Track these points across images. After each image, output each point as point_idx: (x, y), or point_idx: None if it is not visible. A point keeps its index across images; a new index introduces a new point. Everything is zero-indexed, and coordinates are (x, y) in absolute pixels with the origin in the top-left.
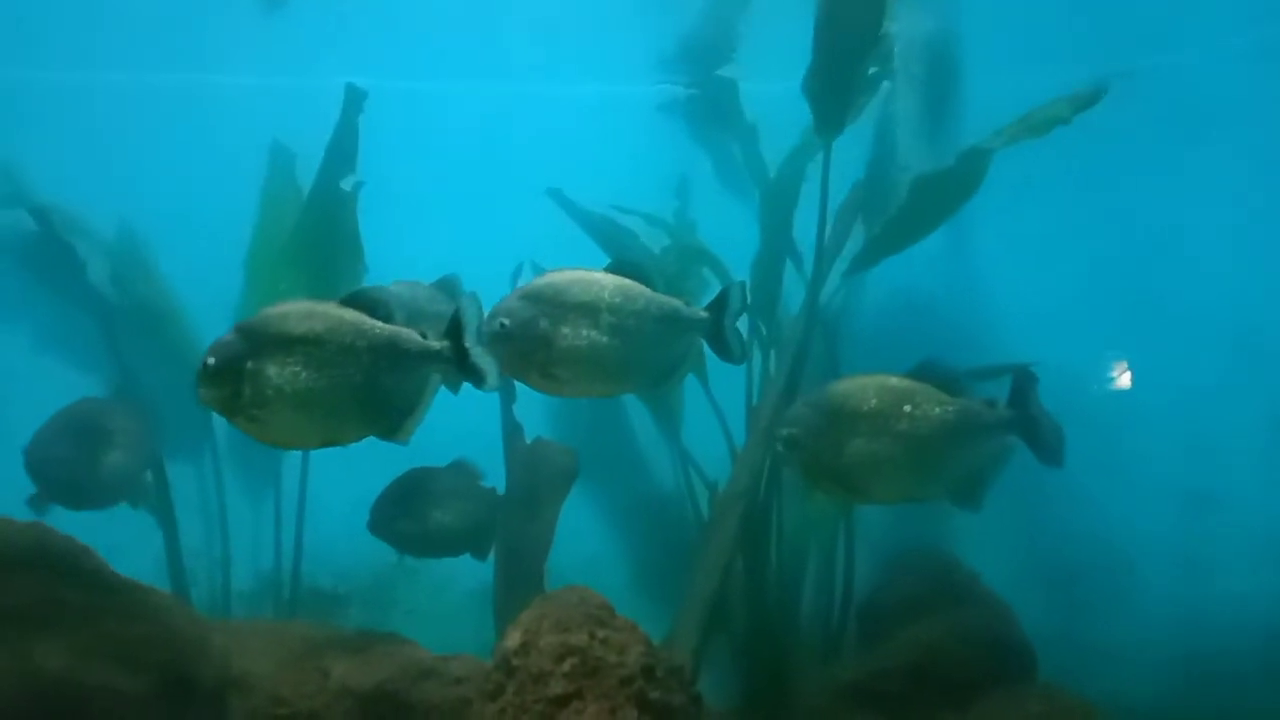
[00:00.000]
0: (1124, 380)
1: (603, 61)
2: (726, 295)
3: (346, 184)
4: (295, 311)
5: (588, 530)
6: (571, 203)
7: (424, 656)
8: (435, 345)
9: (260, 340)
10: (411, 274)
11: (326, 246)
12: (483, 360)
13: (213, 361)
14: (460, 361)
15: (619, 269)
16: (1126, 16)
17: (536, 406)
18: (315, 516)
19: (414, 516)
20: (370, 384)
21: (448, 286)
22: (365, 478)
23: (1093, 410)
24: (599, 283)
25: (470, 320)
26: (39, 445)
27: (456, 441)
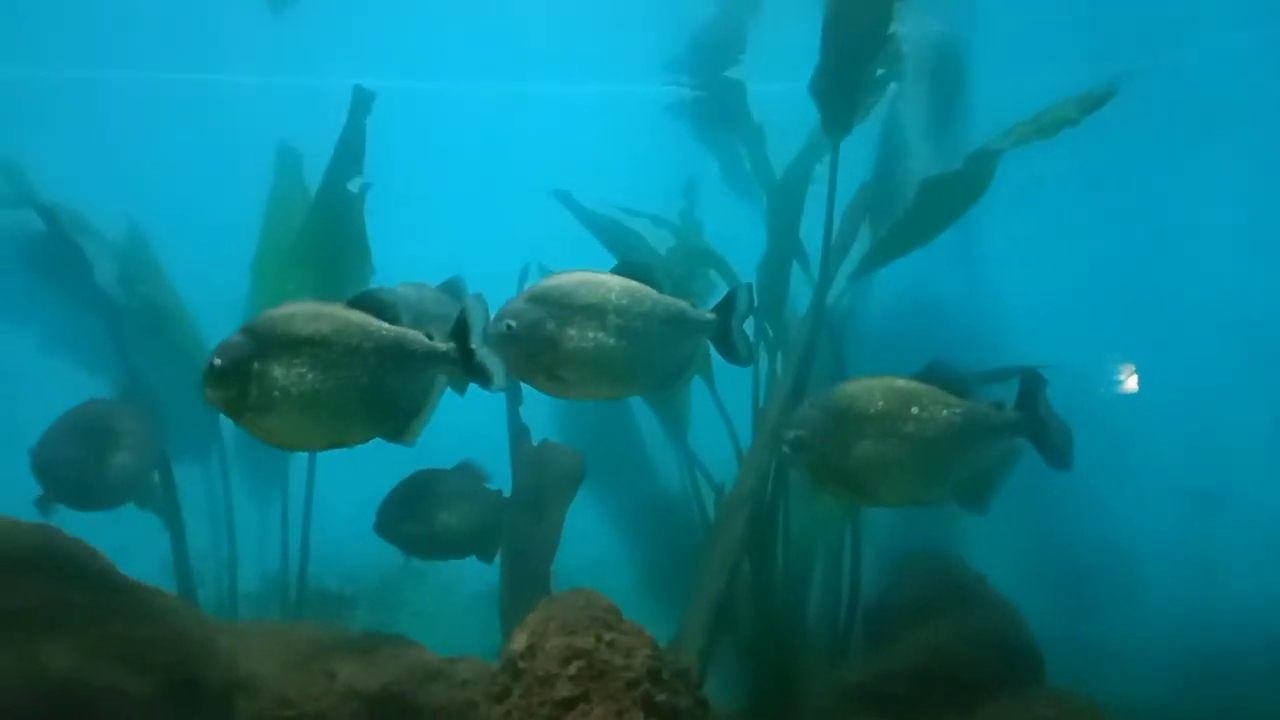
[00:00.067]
0: (1131, 382)
1: (610, 62)
2: (733, 297)
3: (354, 185)
4: (302, 313)
5: (594, 532)
6: (578, 204)
7: (430, 659)
8: (441, 346)
9: (267, 341)
10: (418, 275)
11: (333, 248)
12: (489, 361)
13: (219, 362)
14: (466, 363)
15: (626, 271)
16: (1132, 16)
17: (543, 408)
18: (322, 518)
19: (420, 518)
20: (376, 385)
21: (453, 288)
22: (372, 480)
23: (1099, 412)
24: (606, 284)
25: (476, 321)
26: (46, 446)
27: (463, 443)
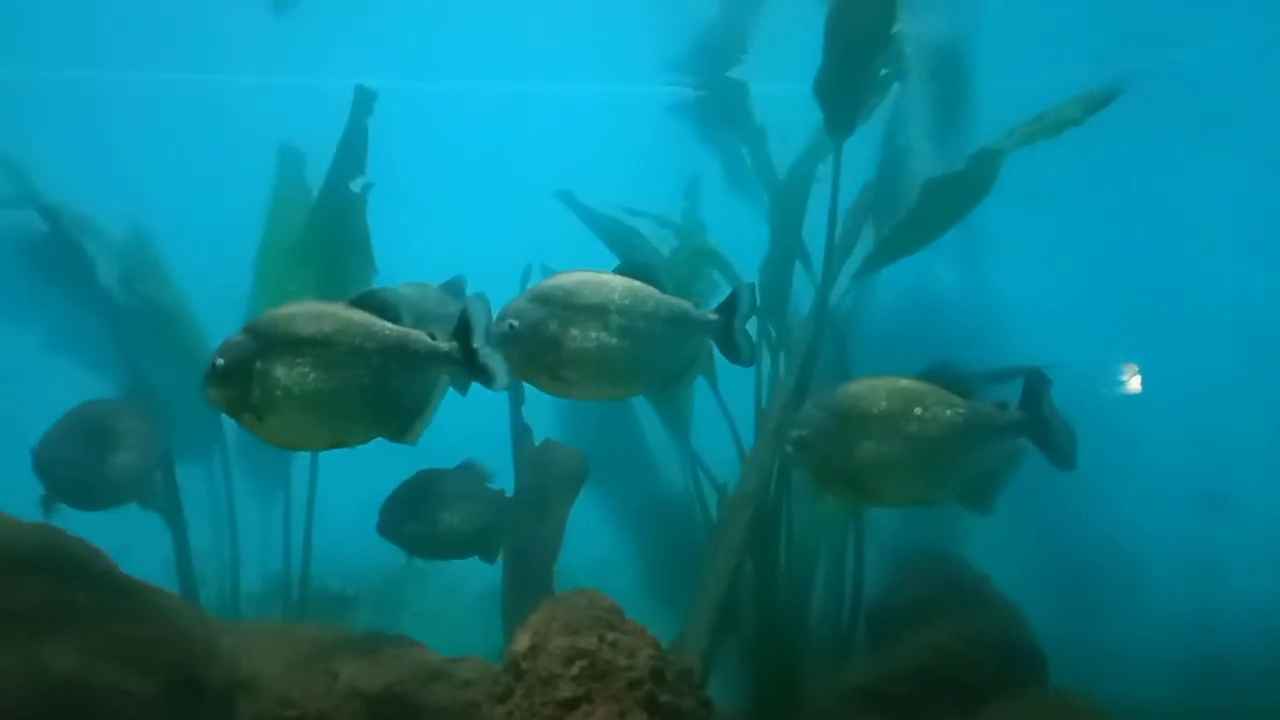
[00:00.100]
0: (1133, 382)
1: (612, 62)
2: (736, 297)
3: (356, 185)
4: (304, 312)
5: (596, 532)
6: (580, 204)
7: (432, 659)
8: (444, 346)
9: (269, 341)
10: (420, 275)
11: (336, 248)
12: (491, 360)
13: (221, 362)
14: (469, 362)
15: (628, 270)
16: (1136, 16)
17: (545, 408)
18: (324, 518)
19: (423, 519)
20: (379, 385)
21: (455, 288)
22: (374, 480)
23: (1102, 412)
24: (608, 284)
25: (478, 320)
26: (47, 446)
27: (465, 443)
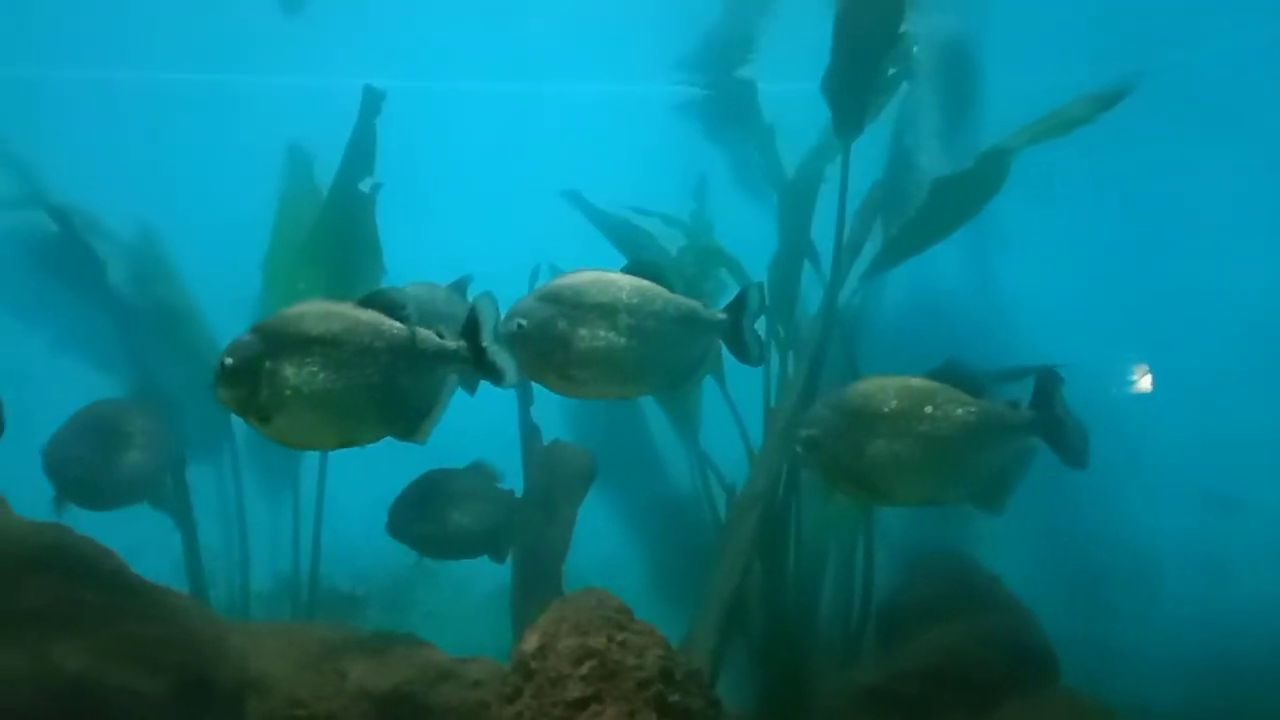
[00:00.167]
0: (1144, 382)
1: (620, 62)
2: (744, 296)
3: (365, 185)
4: (313, 312)
5: (605, 532)
6: (588, 203)
7: (442, 659)
8: (452, 345)
9: (278, 340)
10: (429, 275)
11: (344, 247)
12: (500, 358)
13: (230, 361)
14: (477, 361)
15: (637, 270)
16: (1144, 15)
17: (554, 408)
18: (333, 518)
19: (432, 518)
20: (388, 384)
21: (463, 288)
22: (383, 479)
23: (1113, 412)
24: (617, 284)
25: (486, 319)
26: (57, 445)
27: (474, 443)
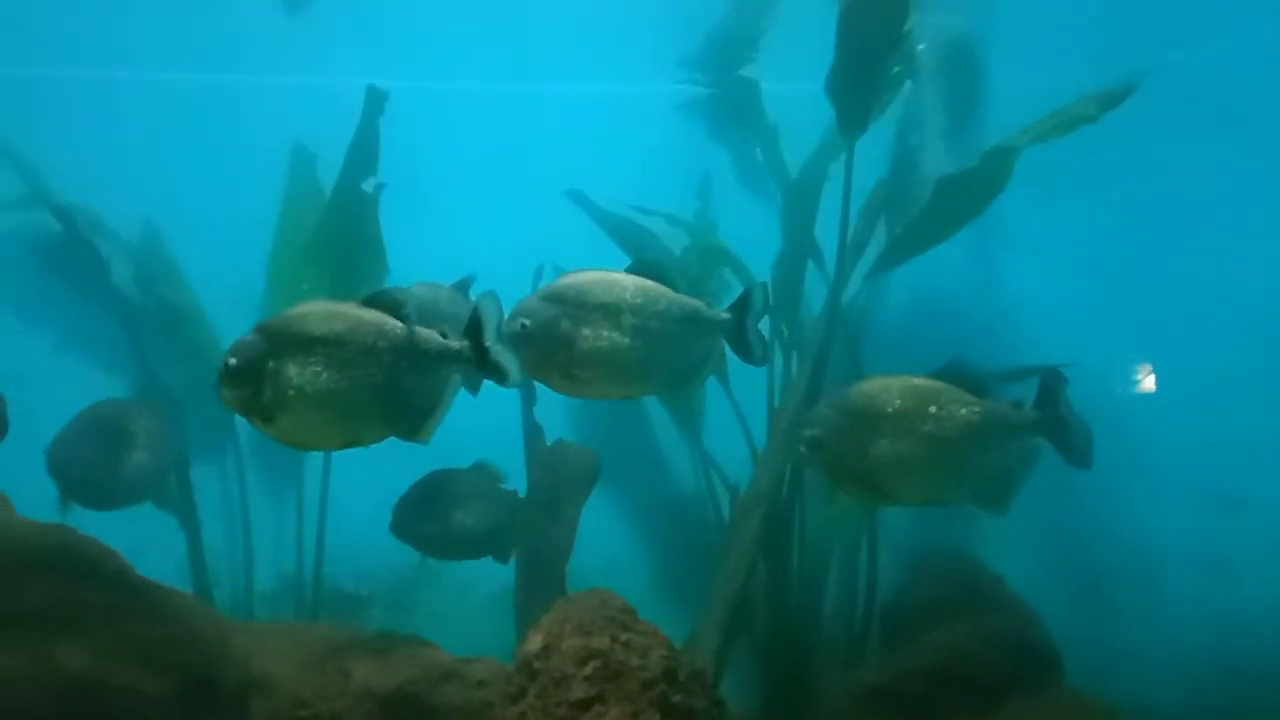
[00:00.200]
0: (1148, 382)
1: (624, 61)
2: (748, 296)
3: (368, 185)
4: (316, 312)
5: (609, 532)
6: (591, 203)
7: (445, 659)
8: (455, 345)
9: (281, 340)
10: (432, 275)
11: (348, 247)
12: (503, 357)
13: (234, 361)
14: (480, 360)
15: (641, 270)
16: (1148, 14)
17: (557, 408)
18: (337, 518)
19: (435, 519)
20: (391, 384)
21: (466, 288)
22: (386, 479)
23: (1117, 412)
24: (620, 283)
25: (490, 319)
26: (61, 445)
27: (477, 443)
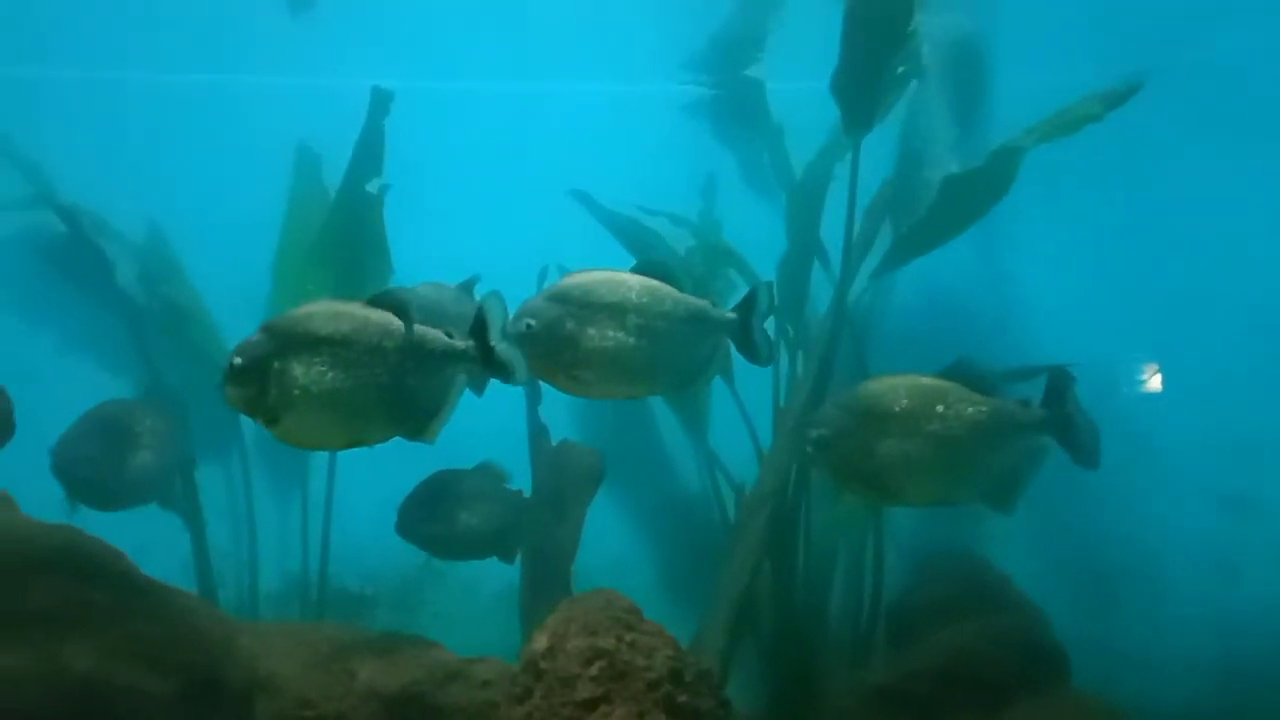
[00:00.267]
0: (1154, 382)
1: (628, 62)
2: (754, 296)
3: (373, 186)
4: (321, 312)
5: (614, 532)
6: (596, 203)
7: (450, 659)
8: (460, 345)
9: (287, 340)
10: (437, 275)
11: (353, 248)
12: (509, 355)
13: (239, 361)
14: (485, 360)
15: (646, 270)
16: (1154, 13)
17: (562, 408)
18: (342, 518)
19: (441, 519)
20: (396, 384)
21: (471, 288)
22: (392, 480)
23: (1124, 412)
24: (626, 283)
25: (495, 319)
26: (65, 446)
27: (482, 444)
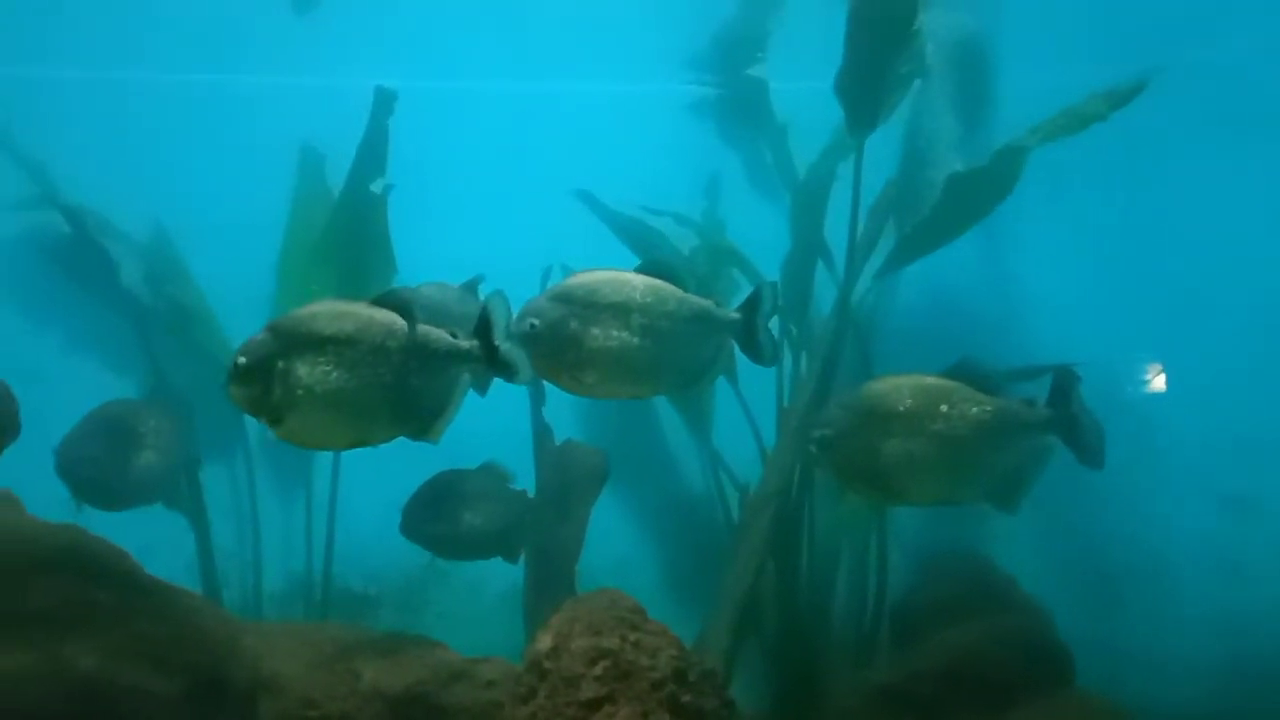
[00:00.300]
0: (1158, 382)
1: (631, 61)
2: (758, 296)
3: (376, 186)
4: (326, 311)
5: (618, 532)
6: (600, 203)
7: (454, 659)
8: (465, 344)
9: (291, 340)
10: (440, 275)
11: (356, 248)
12: (513, 355)
13: (243, 360)
14: (490, 360)
15: (650, 269)
16: (1159, 12)
17: (566, 408)
18: (346, 518)
19: (445, 519)
20: (400, 384)
21: (474, 288)
22: (396, 480)
23: (1129, 411)
24: (630, 283)
25: (499, 318)
26: (69, 446)
27: (486, 444)
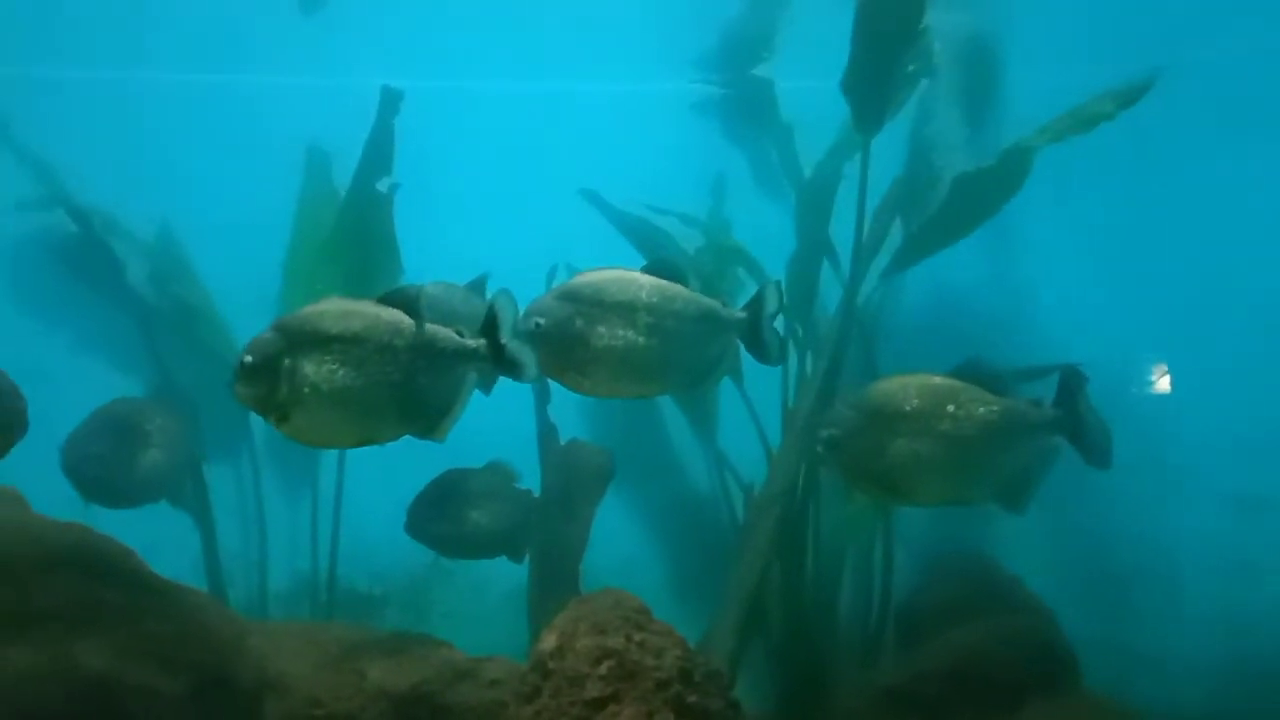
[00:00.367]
0: (1167, 381)
1: (637, 61)
2: (763, 295)
3: (383, 185)
4: (332, 310)
5: (623, 532)
6: (606, 203)
7: (459, 659)
8: (471, 343)
9: (298, 338)
10: (447, 274)
11: (363, 247)
12: (520, 353)
13: (250, 359)
14: (496, 358)
15: (656, 269)
16: (1166, 11)
17: (571, 407)
18: (352, 517)
19: (450, 518)
20: (407, 383)
21: (480, 287)
22: (401, 479)
23: (1136, 411)
24: (636, 282)
25: (505, 317)
26: (75, 444)
27: (492, 443)
